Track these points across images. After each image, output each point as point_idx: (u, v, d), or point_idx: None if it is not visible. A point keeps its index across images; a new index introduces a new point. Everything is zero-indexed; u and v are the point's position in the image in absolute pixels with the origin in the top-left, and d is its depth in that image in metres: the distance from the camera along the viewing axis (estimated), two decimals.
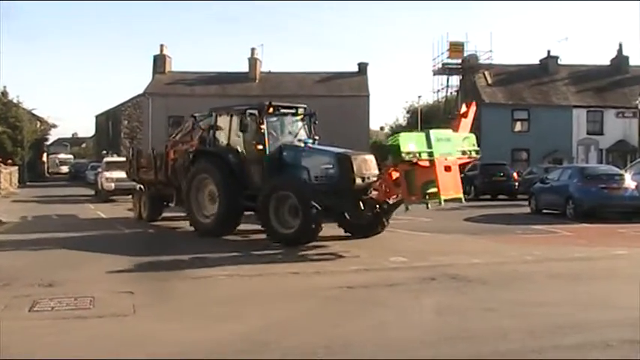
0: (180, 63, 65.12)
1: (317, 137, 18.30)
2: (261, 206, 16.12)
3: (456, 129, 15.07)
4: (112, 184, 33.69)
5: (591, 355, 6.90)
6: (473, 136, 15.21)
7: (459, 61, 52.80)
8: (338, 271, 12.20)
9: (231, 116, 18.10)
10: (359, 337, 7.56)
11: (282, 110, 18.15)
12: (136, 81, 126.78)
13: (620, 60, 53.75)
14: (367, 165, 16.17)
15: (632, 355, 6.90)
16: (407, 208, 15.13)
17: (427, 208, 14.54)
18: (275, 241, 15.86)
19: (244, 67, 55.44)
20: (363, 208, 15.79)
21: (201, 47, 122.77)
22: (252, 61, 55.04)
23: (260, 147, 17.04)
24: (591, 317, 8.46)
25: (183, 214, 20.05)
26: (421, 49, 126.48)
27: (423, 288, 10.51)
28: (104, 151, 45.33)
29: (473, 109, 15.66)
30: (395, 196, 15.49)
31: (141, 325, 8.22)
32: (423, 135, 14.27)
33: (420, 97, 79.59)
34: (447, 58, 53.01)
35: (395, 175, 14.94)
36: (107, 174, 34.54)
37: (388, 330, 7.94)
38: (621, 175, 23.58)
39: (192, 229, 18.35)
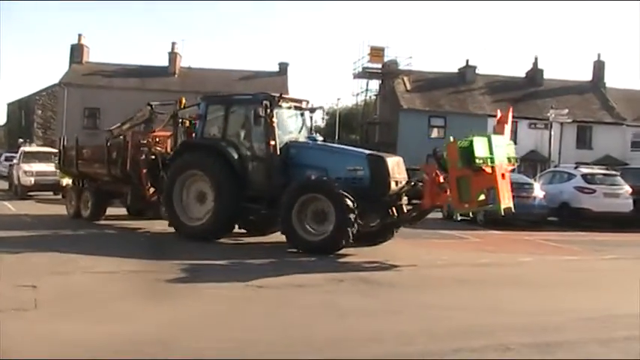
0: (99, 54, 63.88)
1: (320, 136, 17.31)
2: (284, 210, 14.49)
3: (501, 134, 14.37)
4: (32, 179, 28.54)
5: (490, 357, 7.01)
6: (512, 143, 14.83)
7: (379, 65, 53.33)
8: (250, 271, 12.03)
9: (228, 107, 16.53)
10: (265, 338, 7.47)
11: (291, 103, 16.82)
12: (52, 70, 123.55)
13: (535, 72, 55.17)
14: (400, 168, 15.21)
15: (530, 357, 7.07)
16: (456, 216, 14.55)
17: (456, 219, 14.41)
18: (300, 249, 14.37)
19: (165, 61, 54.84)
20: (396, 214, 15.01)
21: (121, 39, 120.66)
22: (173, 56, 54.50)
23: (272, 142, 15.47)
24: (494, 321, 8.58)
25: (124, 213, 20.17)
26: (342, 52, 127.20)
27: (331, 289, 10.49)
28: (21, 140, 40.81)
29: (511, 113, 15.18)
30: (441, 203, 14.77)
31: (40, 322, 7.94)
32: (486, 140, 13.53)
33: (339, 99, 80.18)
34: (368, 62, 53.52)
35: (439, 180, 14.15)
36: (25, 166, 29.24)
37: (293, 331, 7.88)
38: (531, 184, 24.25)
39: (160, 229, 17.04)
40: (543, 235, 18.83)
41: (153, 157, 18.19)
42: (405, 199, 15.18)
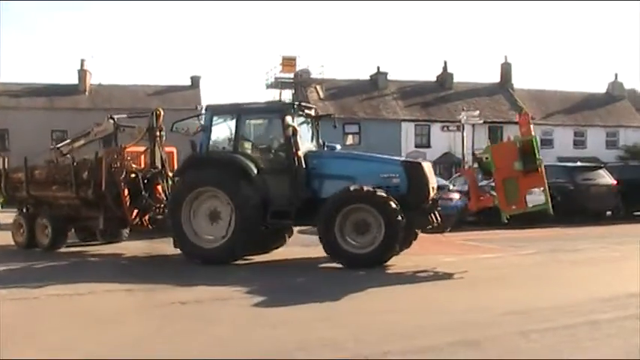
0: (5, 74, 62.26)
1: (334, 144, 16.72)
2: (324, 223, 13.81)
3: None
4: None
5: (420, 357, 7.13)
6: None
7: (292, 75, 53.51)
8: (169, 286, 11.83)
9: (239, 116, 15.30)
10: (198, 356, 7.43)
11: (306, 111, 16.01)
12: None
13: (445, 77, 56.26)
14: (432, 173, 15.03)
15: (458, 356, 7.20)
16: (506, 219, 13.92)
17: (504, 221, 13.78)
18: (344, 263, 13.76)
19: (75, 79, 53.84)
20: (435, 221, 14.61)
21: (29, 58, 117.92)
22: (82, 73, 53.54)
23: (298, 153, 14.65)
24: (423, 322, 8.72)
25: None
26: (254, 62, 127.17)
27: (257, 301, 10.46)
28: None
29: (529, 116, 15.22)
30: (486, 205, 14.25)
31: None
32: (534, 140, 13.45)
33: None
34: (280, 72, 53.64)
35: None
36: None
37: (226, 347, 7.81)
38: (446, 186, 24.64)
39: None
40: (462, 236, 19.09)
41: (133, 175, 16.67)
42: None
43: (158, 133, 16.96)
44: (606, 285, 11.53)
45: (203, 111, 16.69)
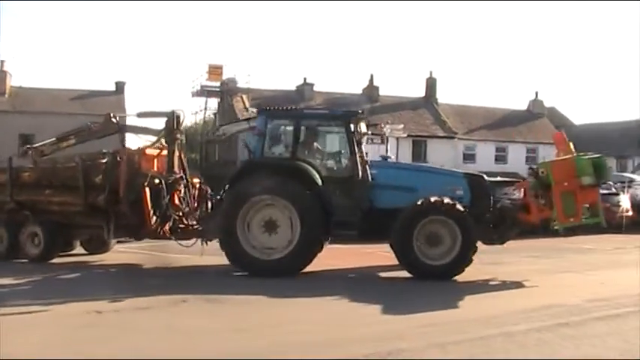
0: None
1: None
2: (401, 234, 13.61)
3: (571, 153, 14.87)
4: None
5: None
6: None
7: (218, 83, 53.18)
8: (87, 295, 11.51)
9: (298, 122, 14.86)
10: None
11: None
12: None
13: (371, 89, 56.61)
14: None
15: None
16: (559, 230, 14.60)
17: (560, 230, 14.55)
18: (418, 275, 13.64)
19: None
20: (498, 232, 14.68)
21: None
22: (2, 75, 52.13)
23: (363, 162, 14.53)
24: (340, 335, 8.71)
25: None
26: (180, 70, 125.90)
27: (175, 310, 10.33)
28: None
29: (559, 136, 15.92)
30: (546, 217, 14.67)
31: None
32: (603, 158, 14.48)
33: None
34: (206, 80, 53.24)
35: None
36: None
37: (141, 355, 7.63)
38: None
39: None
40: (378, 247, 18.88)
41: (157, 180, 15.20)
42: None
43: (178, 137, 16.00)
44: (522, 298, 11.77)
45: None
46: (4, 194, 16.51)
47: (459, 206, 13.78)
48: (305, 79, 55.60)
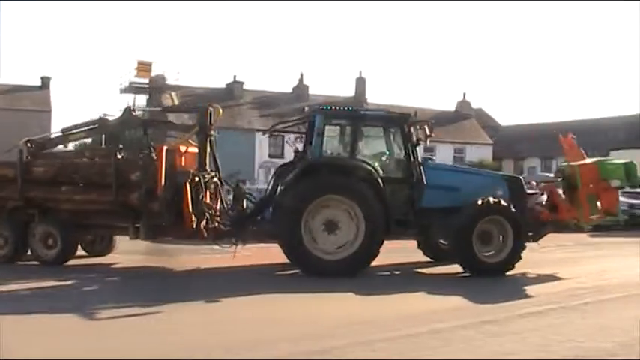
0: None
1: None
2: (462, 234, 14.22)
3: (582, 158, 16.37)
4: None
5: None
6: None
7: (147, 80, 52.61)
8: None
9: (356, 123, 15.08)
10: None
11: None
12: None
13: (300, 88, 56.81)
14: None
15: None
16: (584, 228, 16.66)
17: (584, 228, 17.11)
18: (475, 272, 14.33)
19: None
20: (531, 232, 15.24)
21: None
22: None
23: (419, 163, 14.96)
24: (268, 333, 8.70)
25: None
26: (108, 65, 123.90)
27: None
28: None
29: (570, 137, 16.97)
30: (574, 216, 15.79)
31: None
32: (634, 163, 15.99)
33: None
34: (135, 76, 52.63)
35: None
36: None
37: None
38: None
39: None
40: None
41: (197, 179, 14.50)
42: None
43: (212, 133, 15.30)
44: (450, 295, 11.93)
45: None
46: (9, 191, 15.28)
47: (511, 207, 14.60)
48: (235, 76, 55.65)
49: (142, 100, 55.05)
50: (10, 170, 15.39)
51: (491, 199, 14.46)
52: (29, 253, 15.13)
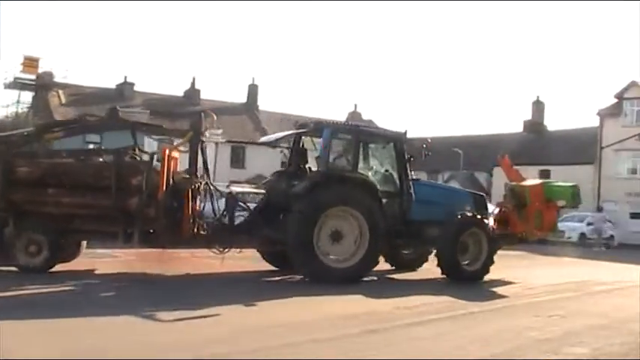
0: None
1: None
2: (448, 244, 15.97)
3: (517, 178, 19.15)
4: None
5: None
6: None
7: (34, 76, 51.01)
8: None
9: (358, 138, 16.07)
10: None
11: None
12: None
13: (192, 92, 56.34)
14: None
15: None
16: (528, 240, 18.84)
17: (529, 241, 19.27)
18: (460, 279, 15.89)
19: None
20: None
21: None
22: None
23: (411, 179, 16.46)
24: (152, 339, 8.54)
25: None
26: None
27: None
28: None
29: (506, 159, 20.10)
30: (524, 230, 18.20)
31: None
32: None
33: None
34: (20, 72, 50.90)
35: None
36: None
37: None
38: None
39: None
40: (194, 252, 18.60)
41: (197, 184, 14.71)
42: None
43: (204, 139, 15.29)
44: (332, 304, 12.03)
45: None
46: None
47: (480, 219, 16.67)
48: (126, 77, 54.79)
49: (27, 96, 53.36)
50: None
51: (469, 214, 16.57)
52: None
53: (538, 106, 58.73)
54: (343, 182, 15.21)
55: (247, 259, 16.73)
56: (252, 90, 58.75)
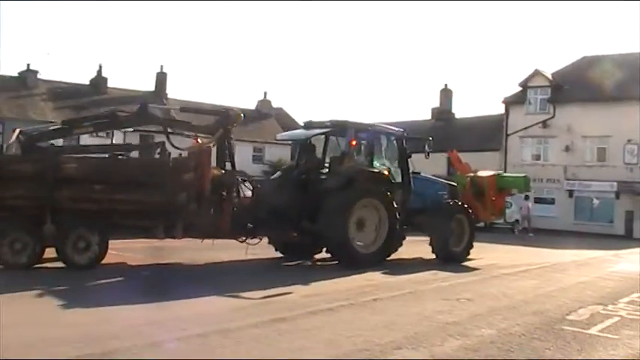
0: None
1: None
2: (442, 229, 18.39)
3: (466, 170, 22.40)
4: None
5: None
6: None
7: None
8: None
9: (373, 136, 18.32)
10: None
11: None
12: None
13: (99, 80, 55.09)
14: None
15: None
16: (486, 225, 23.12)
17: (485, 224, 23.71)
18: (446, 259, 18.09)
19: None
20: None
21: None
22: None
23: (411, 172, 18.73)
24: (51, 334, 8.27)
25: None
26: None
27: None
28: None
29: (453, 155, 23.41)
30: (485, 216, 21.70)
31: None
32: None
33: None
34: None
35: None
36: None
37: None
38: None
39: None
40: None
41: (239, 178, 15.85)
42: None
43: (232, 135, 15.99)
44: (241, 293, 11.88)
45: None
46: (25, 189, 13.82)
47: (464, 207, 19.32)
48: (28, 65, 53.18)
49: None
50: (25, 165, 14.14)
51: (458, 202, 19.39)
52: None
53: (446, 94, 59.46)
54: (369, 176, 17.27)
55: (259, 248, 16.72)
56: (161, 78, 57.76)
